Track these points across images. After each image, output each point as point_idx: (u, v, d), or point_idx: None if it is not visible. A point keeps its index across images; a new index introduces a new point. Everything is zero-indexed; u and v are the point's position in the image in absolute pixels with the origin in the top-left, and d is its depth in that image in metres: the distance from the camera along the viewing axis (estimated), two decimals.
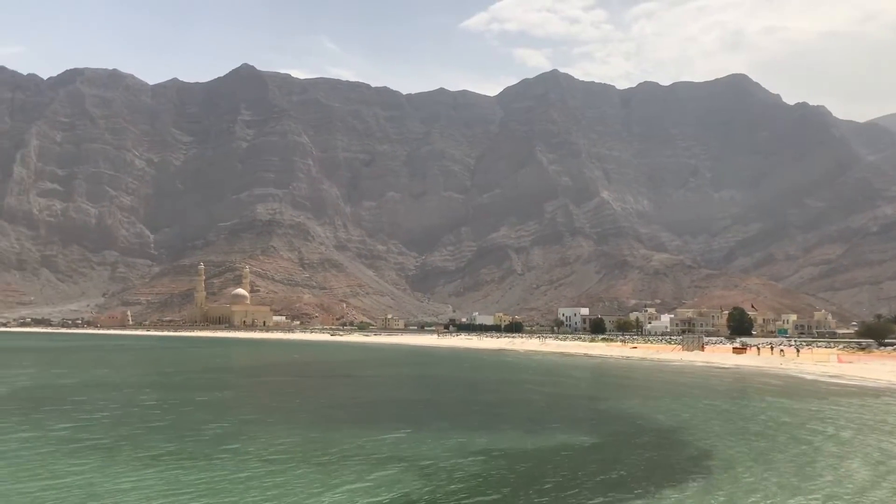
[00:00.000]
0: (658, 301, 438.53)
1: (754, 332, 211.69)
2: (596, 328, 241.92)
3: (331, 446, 36.90)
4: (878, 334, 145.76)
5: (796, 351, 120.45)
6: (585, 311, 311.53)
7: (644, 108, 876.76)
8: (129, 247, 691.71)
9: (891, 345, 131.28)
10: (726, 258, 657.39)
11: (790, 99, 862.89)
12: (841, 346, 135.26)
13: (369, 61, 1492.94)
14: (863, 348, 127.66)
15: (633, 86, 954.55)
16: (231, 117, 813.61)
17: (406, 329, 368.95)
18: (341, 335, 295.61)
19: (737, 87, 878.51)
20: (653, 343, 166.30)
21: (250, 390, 72.85)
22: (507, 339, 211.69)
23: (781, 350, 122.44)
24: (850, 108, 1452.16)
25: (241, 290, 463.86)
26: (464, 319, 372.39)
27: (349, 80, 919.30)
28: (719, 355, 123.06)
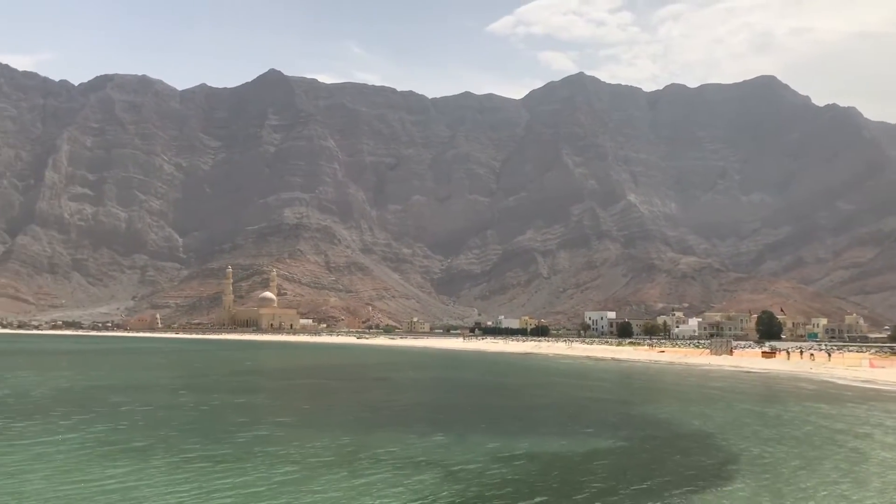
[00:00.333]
0: (686, 305, 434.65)
1: (784, 336, 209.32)
2: (623, 332, 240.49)
3: (363, 450, 36.79)
4: None
5: (827, 355, 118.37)
6: (612, 315, 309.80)
7: (671, 110, 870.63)
8: (159, 250, 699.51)
9: None
10: (755, 261, 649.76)
11: (820, 101, 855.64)
12: (873, 351, 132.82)
13: (395, 65, 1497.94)
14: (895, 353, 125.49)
15: (660, 88, 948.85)
16: (258, 122, 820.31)
17: (431, 332, 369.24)
18: (367, 338, 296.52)
19: (766, 88, 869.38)
20: (680, 347, 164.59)
21: (281, 393, 73.11)
22: (534, 343, 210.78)
23: (812, 354, 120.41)
24: (881, 109, 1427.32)
25: (268, 294, 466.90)
26: (489, 323, 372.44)
27: (375, 84, 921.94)
28: (748, 359, 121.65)
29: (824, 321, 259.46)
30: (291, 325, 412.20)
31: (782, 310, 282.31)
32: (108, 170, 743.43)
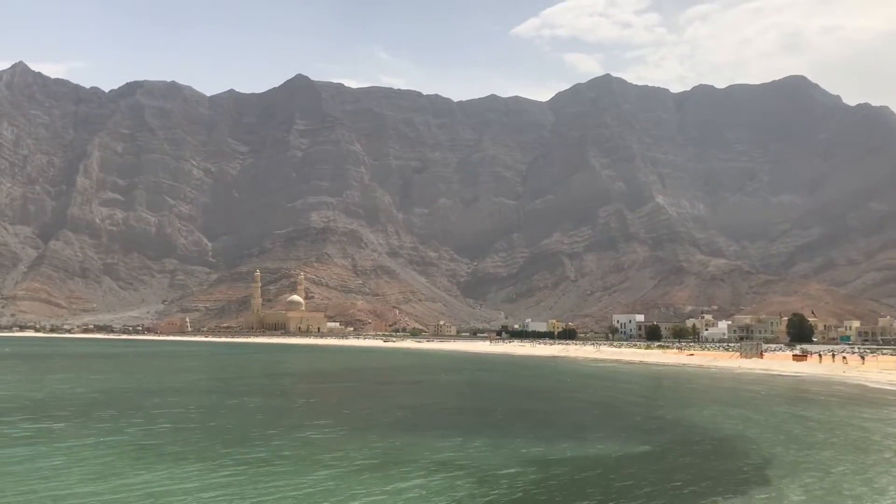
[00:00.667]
0: (715, 307, 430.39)
1: (815, 339, 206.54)
2: (651, 335, 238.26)
3: (392, 453, 36.68)
4: None
5: (860, 358, 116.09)
6: (640, 318, 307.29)
7: (699, 111, 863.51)
8: (188, 255, 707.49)
9: None
10: (785, 264, 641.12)
11: (851, 100, 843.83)
12: None
13: (421, 69, 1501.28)
14: None
15: (688, 89, 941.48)
16: (286, 127, 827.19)
17: (458, 336, 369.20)
18: (394, 341, 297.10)
19: (795, 88, 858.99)
20: (710, 350, 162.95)
21: (316, 396, 73.24)
22: (561, 346, 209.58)
23: (844, 357, 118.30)
24: None
25: (296, 297, 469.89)
26: (516, 326, 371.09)
27: (401, 88, 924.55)
28: (779, 363, 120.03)
29: (857, 324, 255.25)
30: (319, 329, 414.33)
31: (813, 312, 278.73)
32: (139, 175, 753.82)
